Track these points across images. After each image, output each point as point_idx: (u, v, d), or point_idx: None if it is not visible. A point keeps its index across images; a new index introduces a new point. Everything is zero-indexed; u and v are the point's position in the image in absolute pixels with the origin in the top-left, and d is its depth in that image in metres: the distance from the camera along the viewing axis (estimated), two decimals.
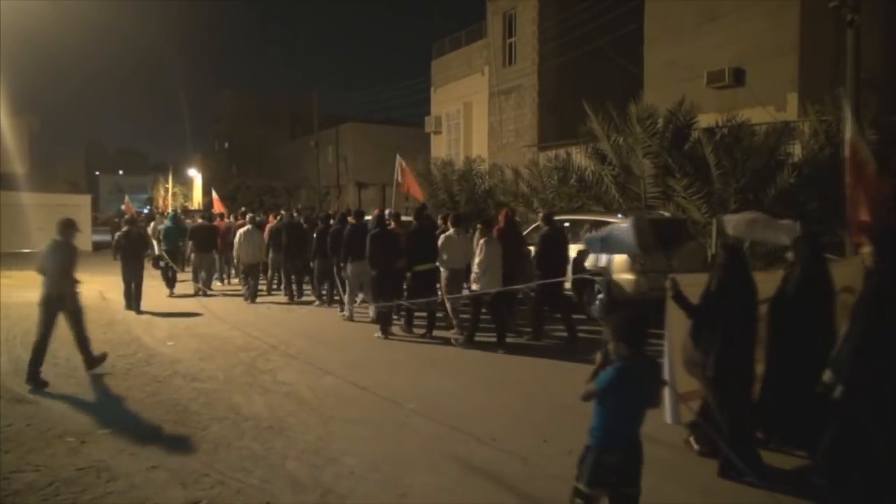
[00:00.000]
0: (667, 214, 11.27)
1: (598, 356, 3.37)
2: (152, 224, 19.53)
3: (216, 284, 14.76)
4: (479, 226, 9.31)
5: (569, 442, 5.14)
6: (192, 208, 39.45)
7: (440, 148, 26.21)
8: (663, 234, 9.39)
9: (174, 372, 7.31)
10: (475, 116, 24.68)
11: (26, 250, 23.28)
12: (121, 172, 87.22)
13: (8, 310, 11.24)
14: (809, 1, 13.14)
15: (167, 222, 15.06)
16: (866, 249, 4.31)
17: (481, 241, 8.70)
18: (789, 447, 4.88)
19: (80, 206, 27.75)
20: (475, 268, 8.61)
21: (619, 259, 9.61)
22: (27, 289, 14.20)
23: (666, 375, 4.84)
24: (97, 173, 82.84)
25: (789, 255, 4.97)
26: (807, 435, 4.56)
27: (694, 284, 4.66)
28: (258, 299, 12.81)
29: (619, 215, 10.45)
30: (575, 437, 5.23)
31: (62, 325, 9.98)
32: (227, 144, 55.03)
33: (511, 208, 10.95)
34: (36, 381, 6.63)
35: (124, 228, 12.73)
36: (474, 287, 8.66)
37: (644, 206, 12.37)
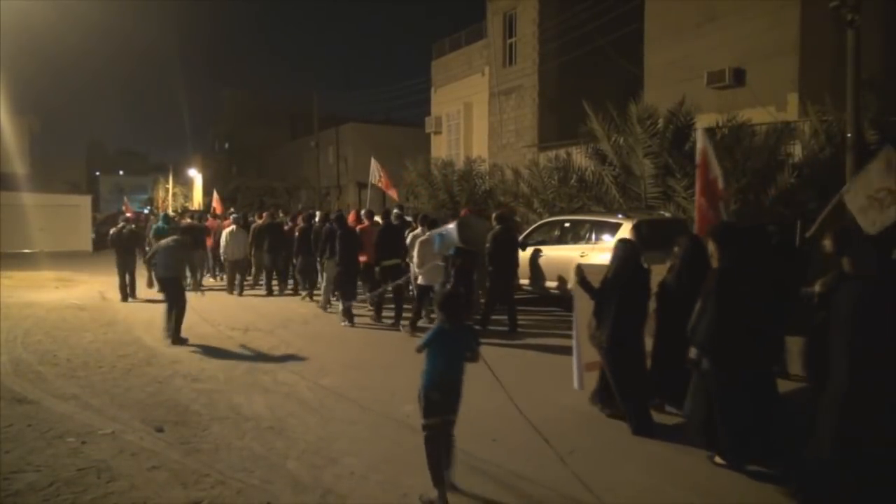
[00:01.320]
0: (667, 215, 11.26)
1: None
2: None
3: (208, 280, 15.57)
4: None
5: (569, 442, 5.15)
6: (193, 208, 39.41)
7: (440, 148, 26.19)
8: (664, 234, 9.40)
9: (175, 372, 7.31)
10: (475, 117, 24.66)
11: (27, 250, 23.33)
12: (121, 173, 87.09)
13: (9, 310, 11.24)
14: (810, 1, 13.13)
15: (159, 222, 15.67)
16: (712, 246, 4.95)
17: (418, 239, 9.49)
18: (673, 407, 5.62)
19: (80, 207, 27.80)
20: (414, 264, 9.42)
21: None
22: (28, 289, 14.27)
23: (574, 348, 5.96)
24: (97, 174, 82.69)
25: (676, 248, 5.73)
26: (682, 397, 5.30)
27: (598, 273, 5.66)
28: (257, 297, 13.04)
29: (620, 215, 10.46)
30: (576, 437, 5.27)
31: (64, 326, 10.05)
32: (227, 145, 54.99)
33: (468, 210, 11.50)
34: (181, 340, 8.77)
35: (119, 225, 13.71)
36: (419, 281, 9.36)
37: (645, 207, 12.37)
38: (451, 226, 8.66)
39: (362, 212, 13.03)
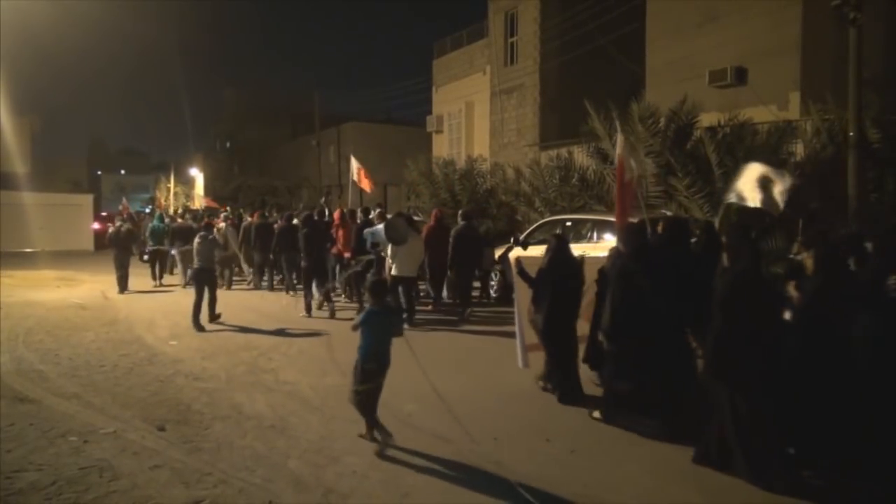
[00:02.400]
0: (669, 214, 11.25)
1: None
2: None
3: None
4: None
5: (571, 441, 5.15)
6: (194, 207, 39.44)
7: (442, 147, 26.18)
8: None
9: (176, 371, 7.32)
10: (477, 116, 24.65)
11: (28, 250, 23.35)
12: (122, 172, 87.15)
13: (10, 309, 11.25)
14: None
15: (154, 221, 16.07)
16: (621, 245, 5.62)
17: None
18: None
19: (81, 206, 27.82)
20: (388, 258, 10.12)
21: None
22: (29, 288, 14.28)
23: (517, 332, 6.66)
24: (99, 173, 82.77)
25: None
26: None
27: (535, 264, 6.38)
28: (256, 296, 13.11)
29: None
30: (577, 436, 5.27)
31: (66, 325, 10.06)
32: (228, 144, 54.96)
33: (440, 209, 12.29)
34: (199, 325, 9.66)
35: (117, 224, 14.55)
36: (393, 272, 9.98)
37: (645, 206, 12.36)
38: (379, 226, 10.14)
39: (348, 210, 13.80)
